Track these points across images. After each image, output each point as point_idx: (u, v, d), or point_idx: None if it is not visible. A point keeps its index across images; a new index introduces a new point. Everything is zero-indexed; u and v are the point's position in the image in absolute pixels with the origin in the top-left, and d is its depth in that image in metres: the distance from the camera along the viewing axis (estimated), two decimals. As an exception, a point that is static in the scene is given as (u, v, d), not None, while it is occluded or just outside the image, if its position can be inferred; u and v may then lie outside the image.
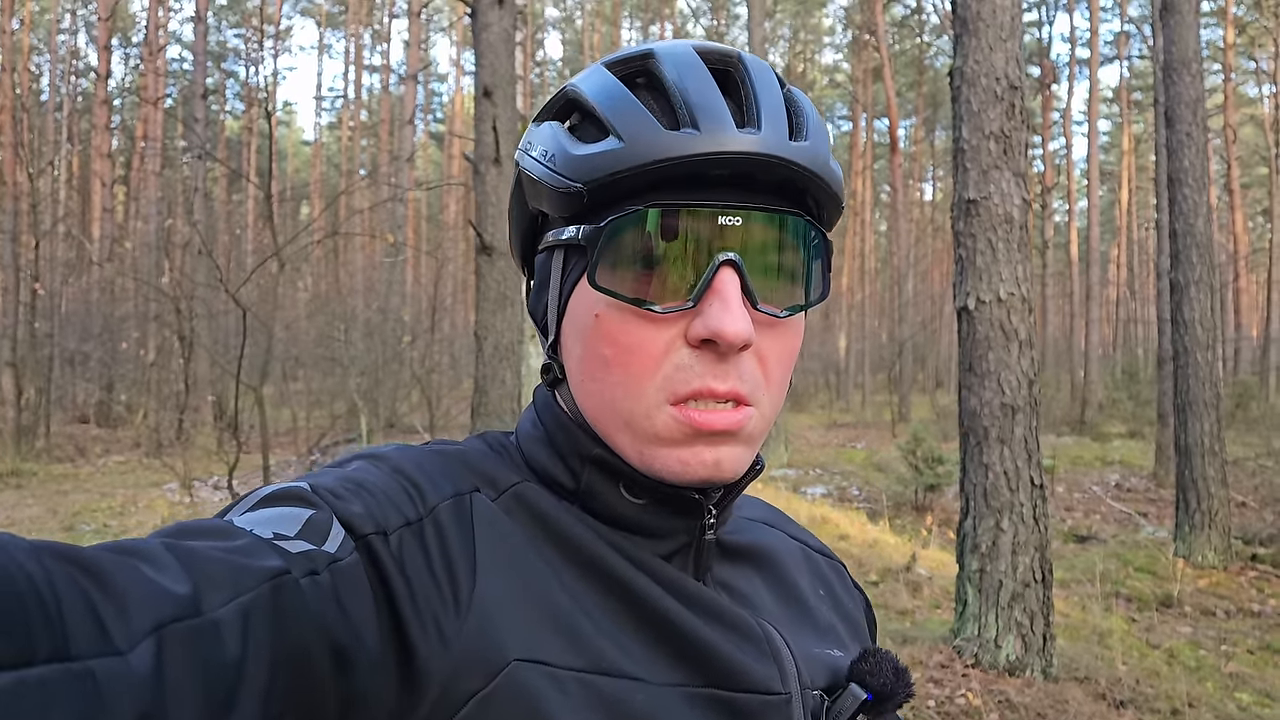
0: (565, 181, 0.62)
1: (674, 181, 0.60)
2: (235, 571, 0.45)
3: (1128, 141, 32.90)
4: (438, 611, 0.54)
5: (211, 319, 16.33)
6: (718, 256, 0.60)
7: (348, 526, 0.54)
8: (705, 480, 0.62)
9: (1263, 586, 7.18)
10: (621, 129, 0.60)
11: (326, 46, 41.76)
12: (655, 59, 0.65)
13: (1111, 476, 13.37)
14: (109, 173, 24.06)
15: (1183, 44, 8.02)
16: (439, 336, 18.34)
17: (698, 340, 0.60)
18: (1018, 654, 4.51)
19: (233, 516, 0.54)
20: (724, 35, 37.31)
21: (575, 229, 0.63)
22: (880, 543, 8.25)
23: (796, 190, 0.64)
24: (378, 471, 0.61)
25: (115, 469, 13.85)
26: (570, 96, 0.66)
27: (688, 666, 0.61)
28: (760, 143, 0.60)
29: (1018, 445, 4.62)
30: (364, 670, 0.49)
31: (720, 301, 0.59)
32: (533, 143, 0.67)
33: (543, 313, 0.69)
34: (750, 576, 0.73)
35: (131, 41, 33.34)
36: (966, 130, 4.80)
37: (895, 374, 23.30)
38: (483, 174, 6.51)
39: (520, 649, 0.55)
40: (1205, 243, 7.97)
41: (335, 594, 0.49)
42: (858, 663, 0.70)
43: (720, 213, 0.60)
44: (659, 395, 0.61)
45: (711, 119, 0.60)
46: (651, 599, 0.62)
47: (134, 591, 0.40)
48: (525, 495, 0.64)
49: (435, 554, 0.56)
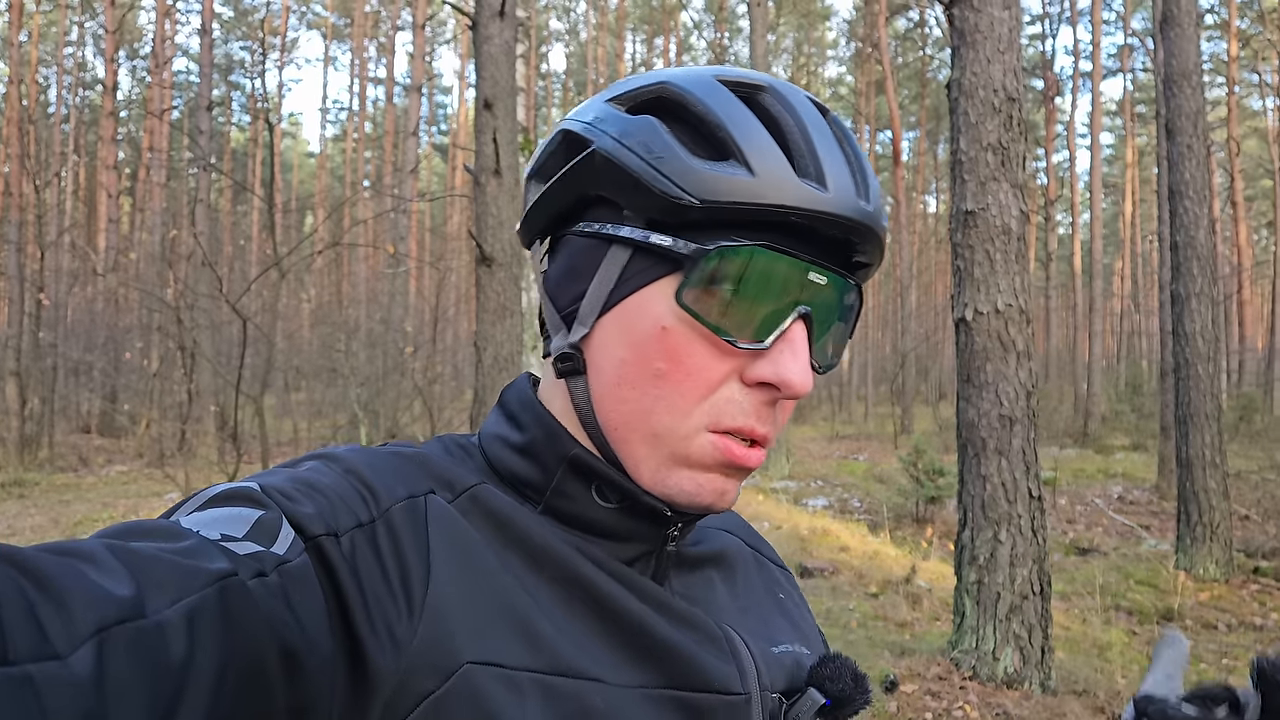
0: (677, 190, 0.60)
1: (785, 227, 0.61)
2: (180, 573, 0.44)
3: (1131, 154, 32.91)
4: (390, 613, 0.53)
5: (214, 329, 16.35)
6: (798, 308, 0.61)
7: (298, 528, 0.53)
8: (707, 507, 0.63)
9: (1264, 600, 7.14)
10: (753, 161, 0.60)
11: (332, 59, 41.92)
12: (772, 93, 0.64)
13: (1114, 489, 13.33)
14: (114, 184, 24.17)
15: (1183, 56, 8.03)
16: (441, 347, 18.36)
17: (756, 380, 0.61)
18: (1016, 666, 4.50)
19: (179, 516, 0.53)
20: (727, 48, 37.43)
21: (668, 239, 0.61)
22: (881, 555, 8.23)
23: (864, 258, 0.66)
24: (330, 472, 0.60)
25: (118, 479, 13.85)
26: (672, 96, 0.64)
27: (649, 666, 0.61)
28: (872, 216, 0.62)
29: (1015, 457, 4.61)
30: (313, 672, 0.48)
31: (791, 351, 0.60)
32: (626, 131, 0.63)
33: (572, 299, 0.66)
34: (709, 581, 0.73)
35: (138, 54, 33.52)
36: (964, 142, 4.81)
37: (898, 386, 23.28)
38: (483, 185, 6.52)
39: (474, 651, 0.54)
40: (1206, 255, 7.96)
41: (284, 596, 0.48)
42: (817, 668, 0.70)
43: (814, 269, 0.61)
44: (701, 421, 0.61)
45: (837, 180, 0.61)
46: (614, 598, 0.62)
47: (75, 593, 0.39)
48: (483, 497, 0.63)
49: (388, 556, 0.55)
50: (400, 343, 15.67)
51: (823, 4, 39.58)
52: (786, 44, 40.42)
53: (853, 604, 6.56)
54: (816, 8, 38.68)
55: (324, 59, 40.61)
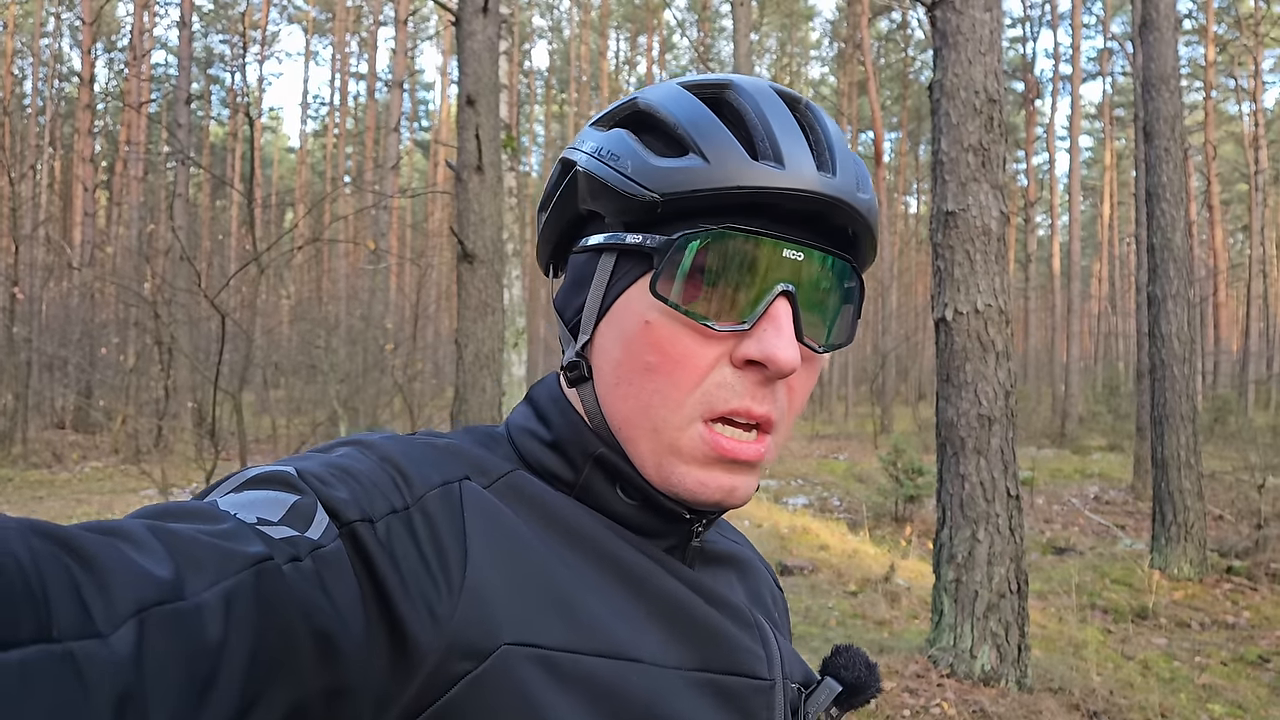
0: (640, 189, 0.63)
1: (748, 208, 0.63)
2: (218, 556, 0.45)
3: (1110, 157, 33.21)
4: (429, 594, 0.54)
5: (192, 325, 16.21)
6: (778, 286, 0.62)
7: (332, 513, 0.53)
8: (718, 504, 0.64)
9: (1237, 599, 7.23)
10: (707, 149, 0.62)
11: (313, 53, 41.65)
12: (734, 90, 0.67)
13: (1090, 489, 13.45)
14: (91, 177, 23.90)
15: (1161, 60, 8.11)
16: (422, 344, 18.28)
17: (743, 361, 0.62)
18: (993, 664, 4.52)
19: (216, 498, 0.54)
20: (710, 47, 37.48)
21: (640, 236, 0.64)
22: (860, 553, 8.27)
23: (850, 236, 0.67)
24: (365, 459, 0.60)
25: (93, 475, 13.73)
26: (642, 108, 0.68)
27: (687, 645, 0.62)
28: (836, 187, 0.63)
29: (994, 456, 4.64)
30: (348, 655, 0.49)
31: (774, 328, 0.61)
32: (599, 146, 0.67)
33: (575, 311, 0.69)
34: (730, 579, 0.76)
35: (116, 46, 33.14)
36: (945, 143, 4.83)
37: (878, 386, 23.39)
38: (465, 182, 6.49)
39: (513, 632, 0.55)
40: (1182, 257, 8.04)
41: (319, 580, 0.49)
42: (832, 657, 0.73)
43: (787, 245, 0.62)
44: (695, 409, 0.62)
45: (793, 156, 0.63)
46: (652, 576, 0.64)
47: (117, 573, 0.40)
48: (518, 483, 0.65)
49: (425, 541, 0.56)
50: (380, 339, 15.59)
51: (806, 4, 39.71)
52: (770, 44, 40.55)
53: (832, 602, 6.58)
54: (800, 8, 38.81)
55: (305, 53, 40.34)
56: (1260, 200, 27.12)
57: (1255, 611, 6.85)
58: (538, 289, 29.61)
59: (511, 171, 9.47)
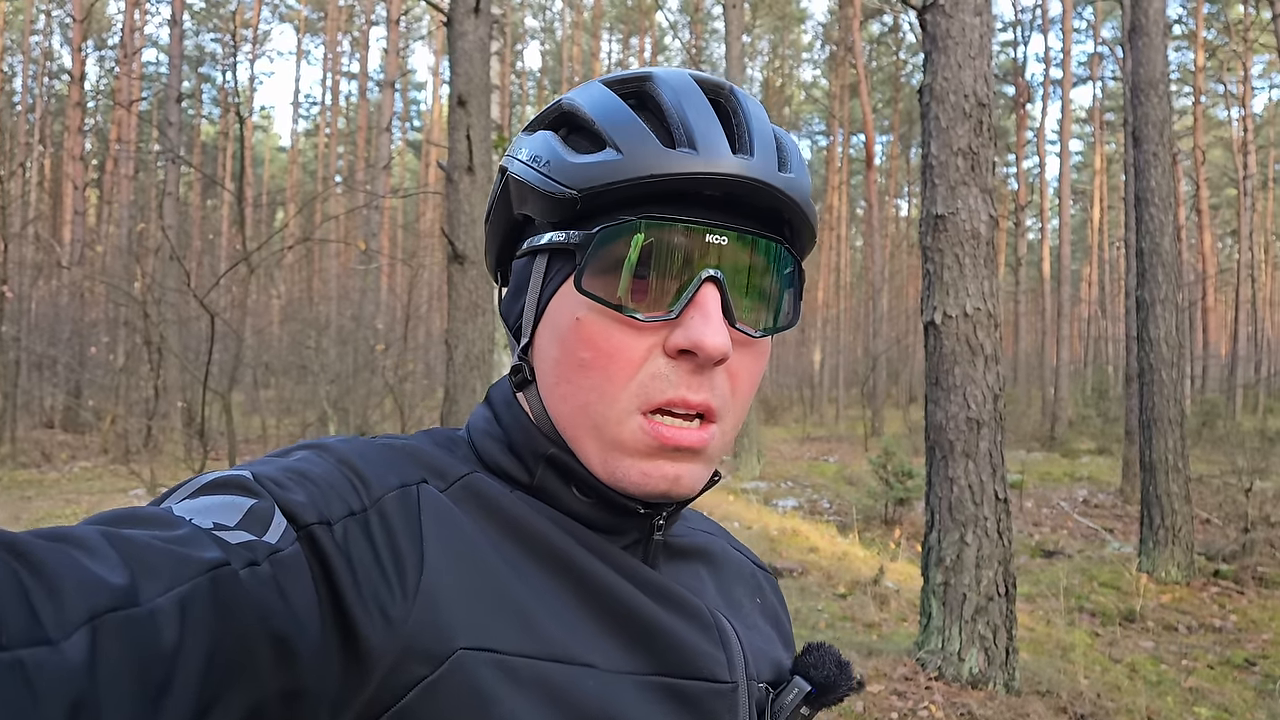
0: (559, 187, 0.63)
1: (666, 197, 0.63)
2: (174, 562, 0.45)
3: (1100, 161, 33.30)
4: (384, 599, 0.54)
5: (182, 325, 16.15)
6: (702, 272, 0.62)
7: (290, 516, 0.53)
8: (664, 494, 0.64)
9: (1224, 602, 7.26)
10: (620, 142, 0.63)
11: (305, 53, 41.60)
12: (653, 82, 0.67)
13: (1079, 492, 13.49)
14: (81, 176, 23.80)
15: (1150, 65, 8.14)
16: (413, 345, 18.25)
17: (676, 350, 0.62)
18: (980, 667, 4.54)
19: (171, 503, 0.54)
20: (703, 49, 37.51)
21: (564, 234, 0.64)
22: (849, 555, 8.28)
23: (778, 218, 0.67)
24: (322, 462, 0.60)
25: (82, 475, 13.65)
26: (565, 109, 0.69)
27: (640, 651, 0.62)
28: (753, 168, 0.63)
29: (983, 459, 4.65)
30: (305, 659, 0.49)
31: (701, 315, 0.61)
32: (524, 149, 0.68)
33: (517, 315, 0.70)
34: (698, 572, 0.75)
35: (106, 44, 33.02)
36: (935, 146, 4.85)
37: (868, 388, 23.43)
38: (456, 182, 6.48)
39: (468, 637, 0.55)
40: (1171, 261, 8.08)
41: (276, 585, 0.49)
42: (802, 656, 0.73)
43: (708, 230, 0.62)
44: (632, 402, 0.62)
45: (708, 141, 0.63)
46: (606, 583, 0.63)
47: (69, 580, 0.40)
48: (475, 485, 0.65)
49: (381, 544, 0.56)
50: (371, 340, 15.56)
51: (798, 7, 39.77)
52: (762, 46, 40.58)
53: (821, 604, 6.59)
54: (792, 11, 38.86)
55: (297, 53, 40.22)
56: (1249, 205, 27.25)
57: (1242, 615, 6.89)
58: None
59: (503, 172, 9.46)
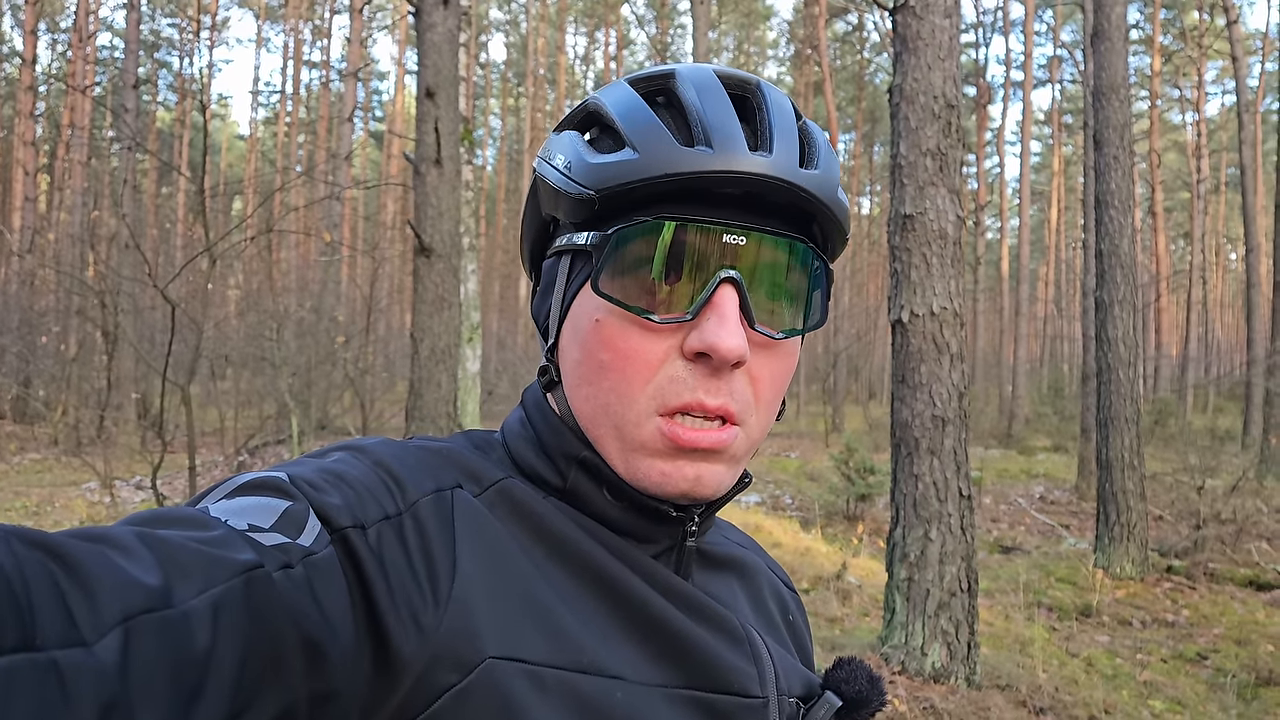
0: (579, 188, 0.63)
1: (684, 196, 0.62)
2: (208, 563, 0.45)
3: (1058, 163, 33.85)
4: (415, 605, 0.53)
5: (137, 314, 15.87)
6: (719, 273, 0.61)
7: (324, 519, 0.53)
8: (684, 495, 0.63)
9: (1176, 597, 7.42)
10: (637, 141, 0.62)
11: (265, 40, 41.00)
12: (676, 79, 0.67)
13: (1036, 489, 13.71)
14: (32, 161, 23.25)
15: (1112, 70, 8.28)
16: (374, 338, 18.09)
17: (692, 353, 0.61)
18: (943, 662, 4.59)
19: (208, 504, 0.53)
20: (669, 44, 37.53)
21: (585, 235, 0.64)
22: (812, 551, 8.34)
23: (804, 216, 0.65)
24: (358, 464, 0.60)
25: (31, 468, 13.37)
26: (591, 109, 0.68)
27: (671, 664, 0.62)
28: (771, 165, 0.61)
29: (947, 456, 4.71)
30: (336, 663, 0.49)
31: (717, 317, 0.60)
32: (552, 151, 0.68)
33: (544, 315, 0.70)
34: (731, 584, 0.74)
35: (60, 27, 32.29)
36: (904, 147, 4.89)
37: (829, 385, 23.60)
38: (423, 175, 6.43)
39: (497, 646, 0.55)
40: (1129, 263, 8.22)
41: (309, 587, 0.49)
42: (833, 670, 0.72)
43: (726, 230, 0.61)
44: (650, 404, 0.62)
45: (725, 139, 0.61)
46: (638, 595, 0.63)
47: (104, 581, 0.40)
48: (510, 491, 0.64)
49: (414, 549, 0.56)
50: (332, 332, 15.39)
51: (764, 4, 39.92)
52: (728, 42, 40.70)
53: (785, 600, 6.63)
54: (758, 8, 39.01)
55: (256, 40, 39.64)
56: (1201, 208, 27.84)
57: (1194, 610, 7.04)
58: (491, 283, 29.35)
59: (469, 165, 9.40)
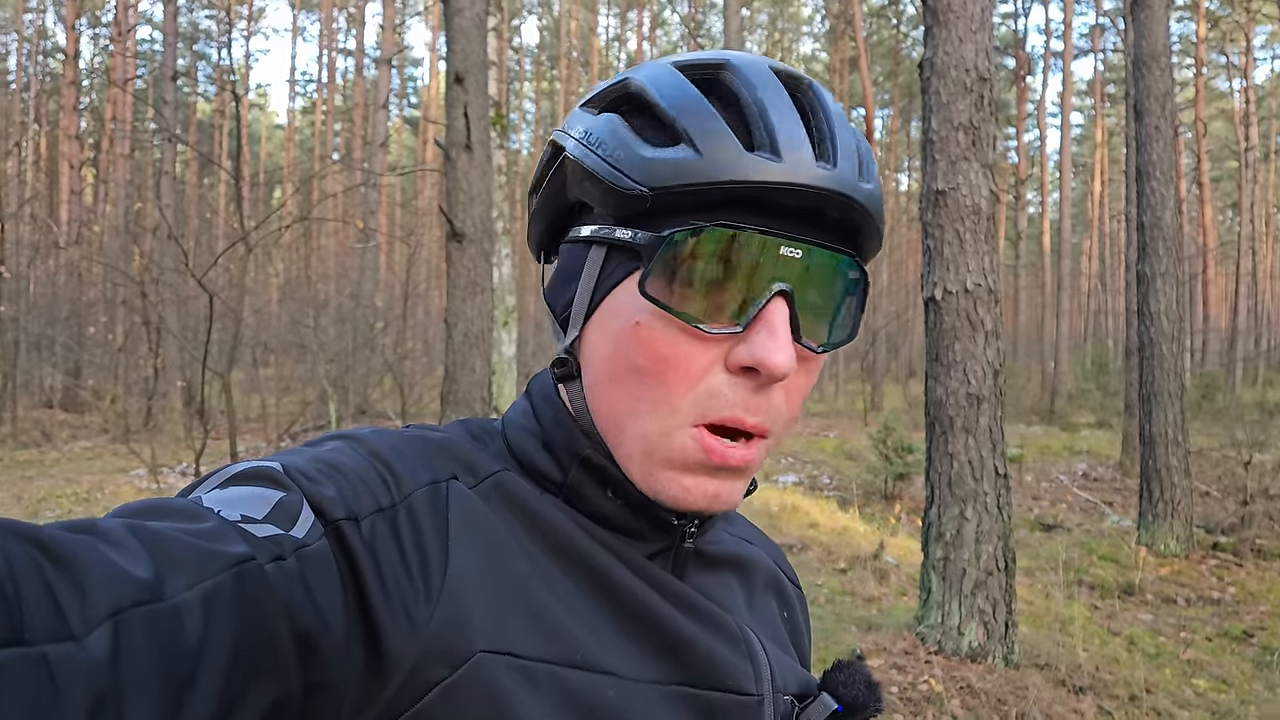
0: (629, 182, 0.59)
1: (742, 203, 0.59)
2: (199, 556, 0.44)
3: (1101, 134, 33.18)
4: (407, 598, 0.53)
5: (181, 304, 16.14)
6: (773, 286, 0.59)
7: (318, 510, 0.53)
8: (701, 510, 0.62)
9: (1222, 575, 7.29)
10: (699, 141, 0.59)
11: (300, 29, 41.31)
12: (730, 70, 0.63)
13: (1079, 466, 13.52)
14: (77, 155, 23.69)
15: (1153, 38, 8.08)
16: (412, 323, 18.25)
17: (738, 367, 0.59)
18: (980, 641, 4.56)
19: (200, 494, 0.53)
20: (701, 23, 37.26)
21: (630, 231, 0.60)
22: (849, 530, 8.31)
23: (852, 229, 0.63)
24: (353, 454, 0.59)
25: (82, 455, 13.69)
26: (633, 90, 0.64)
27: (665, 660, 0.61)
28: (836, 180, 0.59)
29: (982, 435, 4.66)
30: (329, 655, 0.49)
31: (769, 331, 0.58)
32: (587, 131, 0.64)
33: (565, 304, 0.66)
34: (729, 583, 0.73)
35: (100, 21, 32.77)
36: (936, 121, 4.82)
37: (868, 363, 23.44)
38: (454, 160, 6.45)
39: (488, 640, 0.54)
40: (1172, 235, 8.05)
41: (302, 580, 0.49)
42: (831, 673, 0.71)
43: (784, 243, 0.59)
44: (686, 416, 0.59)
45: (792, 146, 0.59)
46: (632, 591, 0.62)
47: (93, 574, 0.40)
48: (505, 484, 0.63)
49: (408, 541, 0.55)
50: (370, 318, 15.55)
51: (797, -20, 39.45)
52: (761, 19, 40.31)
53: (821, 580, 6.62)
54: (791, -17, 38.55)
55: (292, 29, 39.97)
56: (1250, 177, 27.17)
57: (1240, 587, 6.92)
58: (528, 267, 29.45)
59: (501, 149, 9.41)
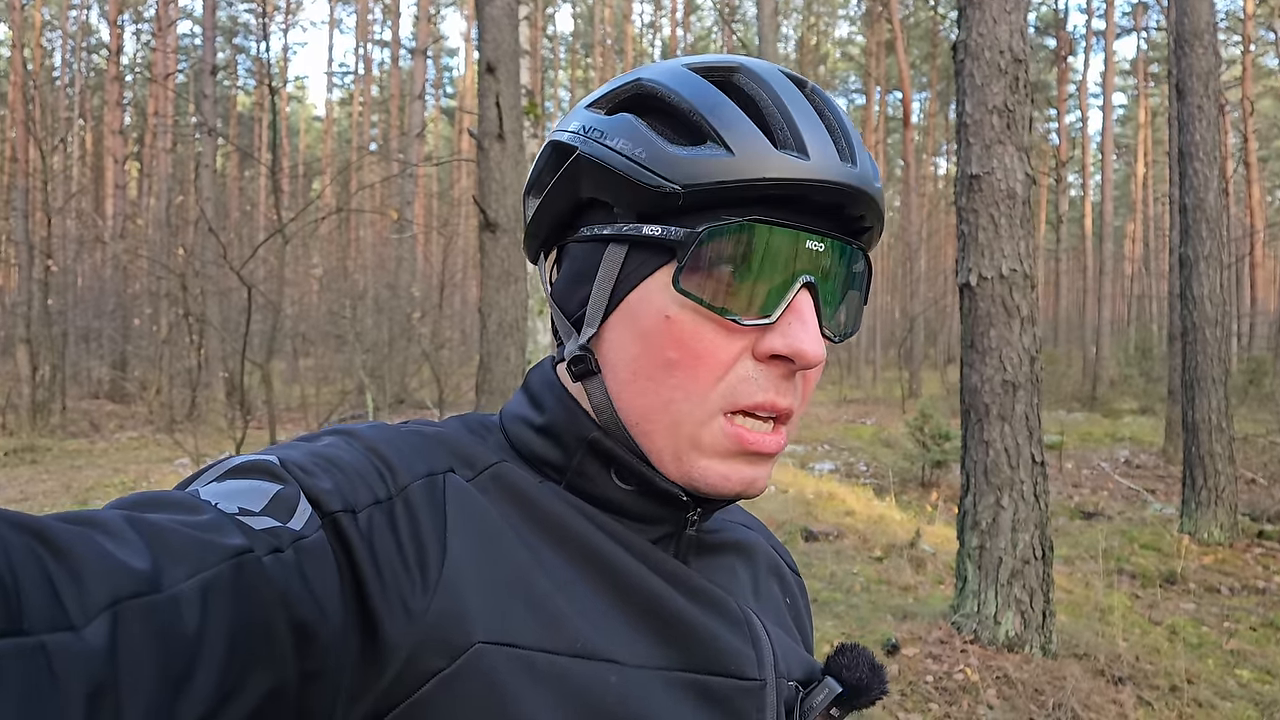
0: (659, 180, 0.61)
1: (772, 200, 0.62)
2: (197, 547, 0.45)
3: (1144, 115, 32.53)
4: (404, 590, 0.54)
5: (222, 296, 16.39)
6: (800, 278, 0.62)
7: (315, 503, 0.53)
8: (738, 495, 0.64)
9: (1268, 563, 7.15)
10: (730, 139, 0.61)
11: (337, 21, 41.64)
12: (745, 72, 0.65)
13: (1121, 453, 13.32)
14: (121, 149, 24.09)
15: (1196, 15, 7.91)
16: (449, 312, 18.39)
17: (767, 355, 0.61)
18: (1016, 630, 4.52)
19: (198, 487, 0.54)
20: (736, 7, 36.98)
21: (659, 228, 0.62)
22: (886, 519, 8.26)
23: (863, 222, 0.66)
24: (350, 448, 0.60)
25: (129, 445, 13.98)
26: (646, 90, 0.66)
27: (667, 646, 0.62)
28: (859, 177, 0.63)
29: (1018, 422, 4.60)
30: (326, 646, 0.49)
31: (799, 321, 0.61)
32: (602, 131, 0.65)
33: (579, 304, 0.67)
34: (732, 568, 0.74)
35: (142, 17, 33.24)
36: (970, 104, 4.76)
37: (906, 350, 23.25)
38: (487, 150, 6.48)
39: (487, 631, 0.55)
40: (1215, 217, 7.88)
41: (299, 572, 0.49)
42: (835, 656, 0.72)
43: (810, 237, 0.62)
44: (718, 404, 0.62)
45: (818, 146, 0.62)
46: (634, 577, 0.63)
47: (92, 565, 0.40)
48: (504, 475, 0.64)
49: (405, 533, 0.56)
50: (407, 308, 15.68)
51: (832, -38, 39.00)
52: (796, 3, 39.90)
53: (857, 568, 6.60)
54: (826, -34, 38.13)
55: (329, 21, 40.27)
56: (1300, 157, 26.48)
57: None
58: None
59: (535, 138, 9.42)
